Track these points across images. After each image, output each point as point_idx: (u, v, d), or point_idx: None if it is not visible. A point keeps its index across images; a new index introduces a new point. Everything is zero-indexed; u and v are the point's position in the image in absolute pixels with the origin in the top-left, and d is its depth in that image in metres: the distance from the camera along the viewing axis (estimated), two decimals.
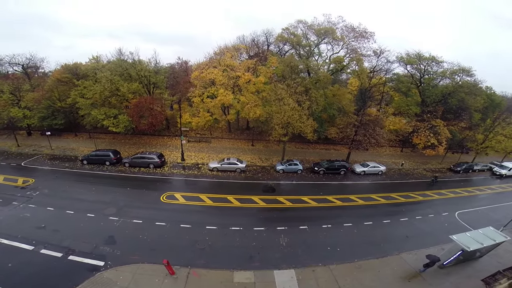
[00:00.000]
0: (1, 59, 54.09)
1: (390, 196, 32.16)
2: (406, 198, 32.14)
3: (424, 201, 32.04)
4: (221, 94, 38.76)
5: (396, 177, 39.67)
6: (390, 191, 33.59)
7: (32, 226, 21.91)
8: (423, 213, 28.40)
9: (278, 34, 45.43)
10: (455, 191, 35.96)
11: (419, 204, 31.18)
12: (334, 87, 44.74)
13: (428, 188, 35.29)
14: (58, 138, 47.65)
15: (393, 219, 26.53)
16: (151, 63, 46.60)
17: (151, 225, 22.49)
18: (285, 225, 23.51)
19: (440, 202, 31.82)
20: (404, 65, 48.31)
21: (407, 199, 31.83)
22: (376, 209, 28.58)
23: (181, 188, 30.78)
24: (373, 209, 28.65)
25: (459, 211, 29.48)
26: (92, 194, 28.03)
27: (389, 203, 30.33)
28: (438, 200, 32.59)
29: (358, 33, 41.35)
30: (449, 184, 38.31)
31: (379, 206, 29.42)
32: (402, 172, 41.85)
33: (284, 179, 34.80)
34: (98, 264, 17.83)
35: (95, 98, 41.24)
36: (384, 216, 26.85)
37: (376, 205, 29.56)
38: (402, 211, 28.56)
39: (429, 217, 27.65)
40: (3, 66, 55.93)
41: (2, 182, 30.92)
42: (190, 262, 18.38)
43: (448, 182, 39.19)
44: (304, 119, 35.22)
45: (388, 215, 27.27)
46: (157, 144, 46.28)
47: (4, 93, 44.15)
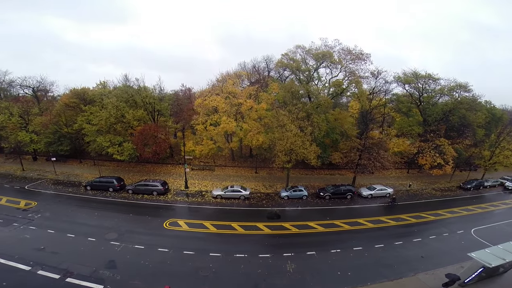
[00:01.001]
0: (13, 81, 56.38)
1: (400, 217, 31.52)
2: (417, 218, 31.53)
3: (436, 220, 31.41)
4: (224, 121, 39.16)
5: (405, 198, 39.05)
6: (399, 212, 32.98)
7: (31, 247, 21.60)
8: (437, 232, 27.75)
9: (278, 60, 46.57)
10: (468, 208, 35.40)
11: (431, 223, 30.51)
12: (335, 111, 45.37)
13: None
14: (63, 164, 47.96)
15: (405, 240, 25.83)
16: (156, 90, 47.91)
17: (153, 251, 21.88)
18: (291, 251, 22.77)
19: (453, 221, 31.25)
20: (402, 85, 49.00)
21: (418, 220, 31.23)
22: (386, 231, 27.94)
23: (184, 215, 30.41)
24: (383, 231, 27.98)
25: (475, 228, 28.85)
26: (94, 219, 27.79)
27: (399, 225, 29.72)
28: (451, 218, 32.04)
29: (355, 55, 42.33)
30: (460, 202, 37.77)
31: (389, 228, 28.76)
32: (410, 193, 41.24)
33: (289, 205, 34.23)
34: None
35: (100, 124, 41.95)
36: (396, 238, 26.16)
37: (386, 227, 28.90)
38: (414, 232, 27.88)
39: (443, 236, 26.98)
40: (15, 88, 57.91)
41: (4, 203, 31.15)
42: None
43: (459, 200, 38.76)
44: (307, 145, 35.27)
45: (399, 236, 26.60)
46: (161, 172, 46.32)
47: (14, 116, 45.29)
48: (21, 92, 58.59)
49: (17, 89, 58.54)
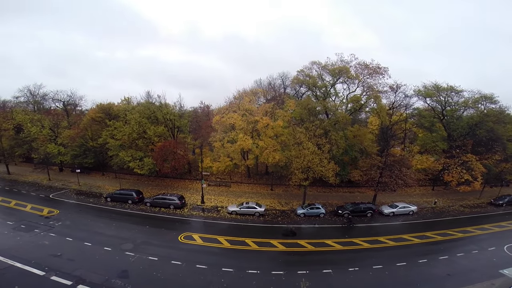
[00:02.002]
0: (46, 94, 60.46)
1: (425, 235, 29.81)
2: (443, 236, 29.72)
3: (465, 237, 29.53)
4: (240, 138, 39.33)
5: (430, 215, 37.08)
6: (424, 230, 31.23)
7: (48, 254, 22.27)
8: (465, 250, 26.01)
9: (294, 77, 46.76)
10: (501, 224, 33.12)
11: (459, 241, 28.69)
12: (354, 127, 43.93)
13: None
14: (87, 176, 49.96)
15: (430, 258, 24.28)
16: (176, 107, 49.60)
17: (167, 263, 21.86)
18: (306, 268, 21.87)
19: (484, 237, 29.30)
20: (423, 98, 46.87)
21: (445, 237, 29.41)
22: (409, 250, 26.49)
23: (199, 229, 30.43)
24: (406, 249, 26.55)
25: (509, 245, 26.79)
26: (111, 229, 28.47)
27: (424, 242, 28.10)
28: (481, 235, 30.05)
29: (372, 69, 41.70)
30: (491, 219, 35.52)
31: (413, 246, 27.23)
32: (436, 210, 39.07)
33: (305, 223, 33.31)
34: None
35: (123, 139, 43.65)
36: (420, 256, 24.64)
37: (409, 246, 27.38)
38: (440, 250, 26.22)
39: (472, 253, 25.23)
40: (47, 101, 62.06)
41: (29, 210, 32.77)
42: None
43: (489, 217, 36.54)
44: (325, 163, 34.66)
45: (424, 254, 25.07)
46: (179, 186, 47.04)
47: (45, 129, 48.31)
48: (52, 105, 62.65)
49: (49, 102, 62.64)
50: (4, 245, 23.28)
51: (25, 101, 60.42)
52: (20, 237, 25.35)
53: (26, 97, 59.92)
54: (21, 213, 31.92)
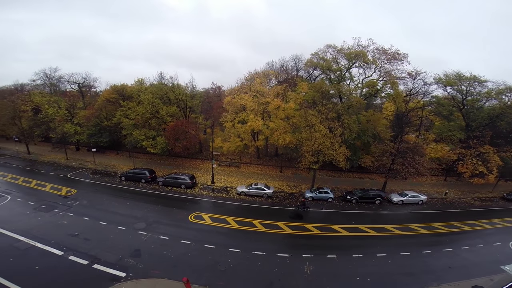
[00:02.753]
0: (61, 77, 62.37)
1: (432, 226, 29.56)
2: (450, 228, 29.35)
3: (472, 231, 29.08)
4: (251, 119, 39.39)
5: (439, 206, 36.44)
6: (431, 221, 30.89)
7: (66, 233, 23.52)
8: (470, 243, 25.72)
9: (307, 59, 45.43)
10: (510, 220, 32.33)
11: (465, 234, 28.31)
12: (368, 112, 43.03)
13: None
14: (102, 155, 51.87)
15: (434, 249, 24.25)
16: (188, 88, 49.84)
17: (177, 243, 22.76)
18: (311, 253, 22.30)
19: (491, 232, 28.83)
20: (443, 87, 45.18)
21: (452, 229, 29.05)
22: (415, 239, 26.40)
23: (209, 209, 31.13)
24: (412, 239, 26.46)
25: None
26: (125, 208, 29.59)
27: (430, 233, 27.92)
28: (489, 229, 29.52)
29: (390, 55, 39.93)
30: (502, 213, 34.65)
31: (419, 236, 27.12)
32: (446, 201, 38.31)
33: (313, 206, 33.41)
34: (119, 275, 18.20)
35: (137, 119, 44.75)
36: (424, 247, 24.66)
37: (415, 235, 27.27)
38: (445, 241, 26.10)
39: (477, 248, 24.97)
40: (63, 83, 64.01)
41: (48, 190, 34.43)
42: (210, 282, 18.02)
43: (500, 211, 35.58)
44: (336, 146, 34.17)
45: (428, 245, 25.04)
46: (190, 166, 47.96)
47: (61, 109, 50.00)
48: (68, 87, 64.73)
49: (65, 85, 64.72)
50: (26, 225, 24.73)
51: (42, 83, 62.28)
52: (40, 217, 26.75)
53: (42, 80, 61.78)
54: (41, 193, 33.52)
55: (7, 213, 27.28)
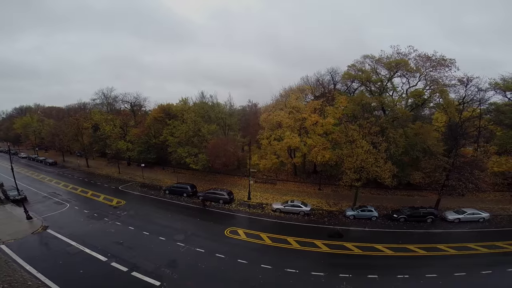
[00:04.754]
0: (116, 96, 69.87)
1: (495, 245, 25.86)
2: None
3: None
4: (287, 136, 39.12)
5: (505, 224, 31.97)
6: (495, 239, 27.08)
7: (112, 241, 25.26)
8: None
9: (344, 72, 44.27)
10: None
11: None
12: (415, 124, 39.58)
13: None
14: (150, 170, 55.76)
15: (497, 269, 21.26)
16: (227, 106, 52.17)
17: (212, 256, 23.02)
18: (349, 272, 20.79)
19: None
20: (502, 92, 40.41)
21: None
22: (473, 259, 23.44)
23: (244, 224, 31.20)
24: (469, 259, 23.53)
25: None
26: (167, 220, 31.18)
27: (492, 252, 24.57)
28: None
29: (435, 61, 37.33)
30: None
31: (478, 256, 24.03)
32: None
33: (354, 225, 31.48)
34: (154, 284, 18.76)
35: (181, 137, 47.62)
36: (484, 267, 21.71)
37: (474, 255, 24.22)
38: (510, 261, 22.77)
39: None
40: (118, 102, 71.41)
41: (101, 200, 37.95)
42: None
43: None
44: (380, 163, 32.23)
45: (490, 265, 22.02)
46: (228, 182, 48.97)
47: (116, 127, 55.55)
48: (122, 106, 72.02)
49: (119, 104, 72.10)
50: (78, 231, 27.33)
51: (100, 102, 70.45)
52: (92, 224, 29.42)
53: (101, 99, 69.93)
54: (95, 202, 37.12)
55: (65, 220, 30.56)
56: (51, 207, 34.68)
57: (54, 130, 65.50)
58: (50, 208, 34.26)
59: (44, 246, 24.36)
